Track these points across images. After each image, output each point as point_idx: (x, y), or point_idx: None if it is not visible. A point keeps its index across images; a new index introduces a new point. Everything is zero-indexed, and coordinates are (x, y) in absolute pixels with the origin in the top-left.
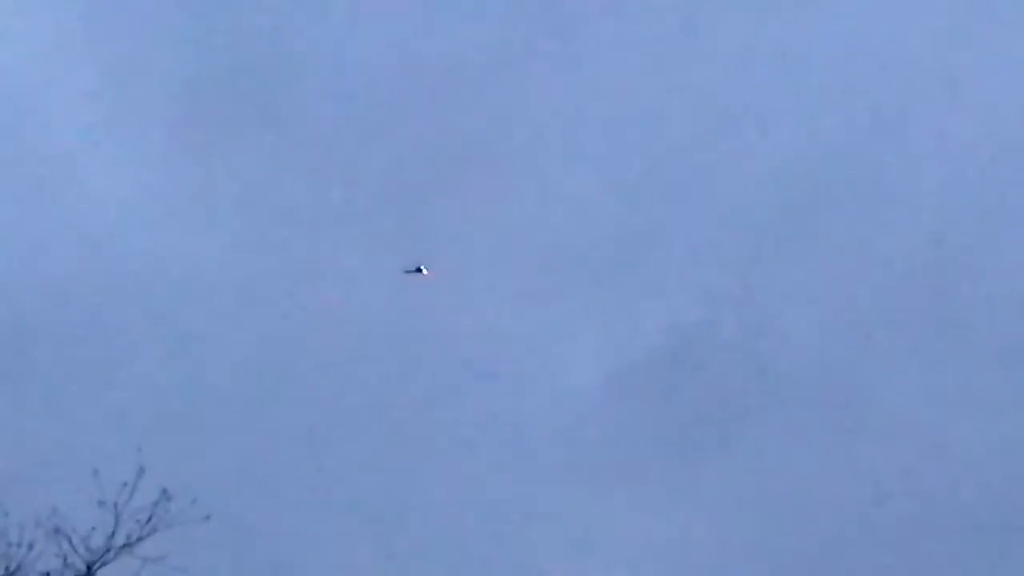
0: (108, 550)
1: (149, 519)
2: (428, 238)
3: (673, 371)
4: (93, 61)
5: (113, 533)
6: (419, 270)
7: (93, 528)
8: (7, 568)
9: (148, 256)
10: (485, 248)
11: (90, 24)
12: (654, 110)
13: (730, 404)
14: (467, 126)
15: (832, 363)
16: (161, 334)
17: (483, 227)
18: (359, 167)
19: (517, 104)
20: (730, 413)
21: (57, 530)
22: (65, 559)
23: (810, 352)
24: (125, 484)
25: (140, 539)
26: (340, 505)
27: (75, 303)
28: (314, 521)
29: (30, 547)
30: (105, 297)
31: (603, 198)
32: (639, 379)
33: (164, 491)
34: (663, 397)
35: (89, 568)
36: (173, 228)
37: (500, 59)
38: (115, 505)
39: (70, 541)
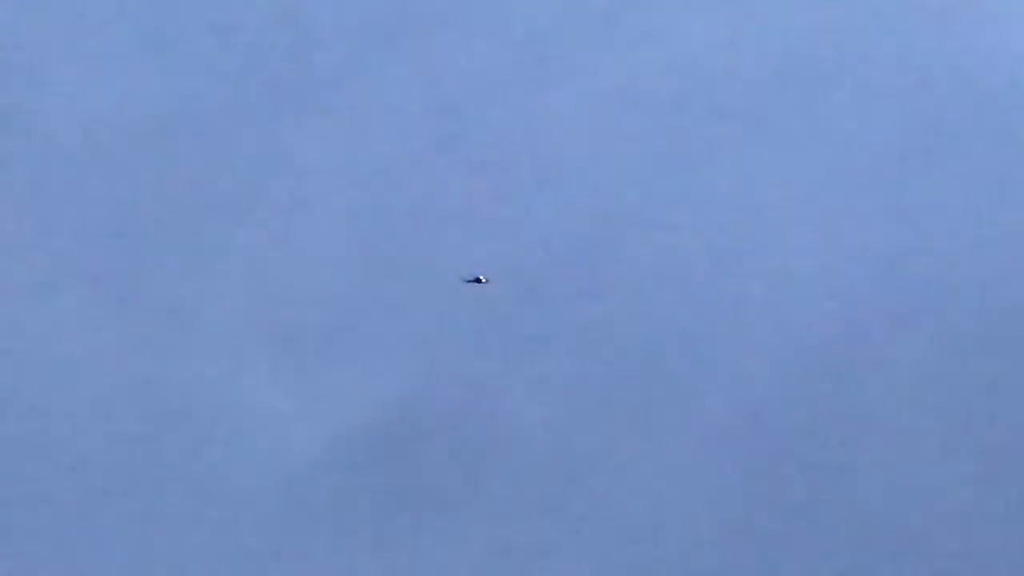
0: None
1: None
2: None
3: (396, 442)
4: None
5: None
6: (478, 280)
7: None
8: None
9: None
10: (208, 301)
11: None
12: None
13: (446, 479)
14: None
15: (554, 444)
16: None
17: (208, 281)
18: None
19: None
20: (448, 488)
21: None
22: None
23: (535, 432)
24: None
25: None
26: None
27: None
28: None
29: None
30: None
31: (341, 262)
32: (361, 449)
33: None
34: (385, 466)
35: None
36: None
37: (239, 113)
38: None
39: None
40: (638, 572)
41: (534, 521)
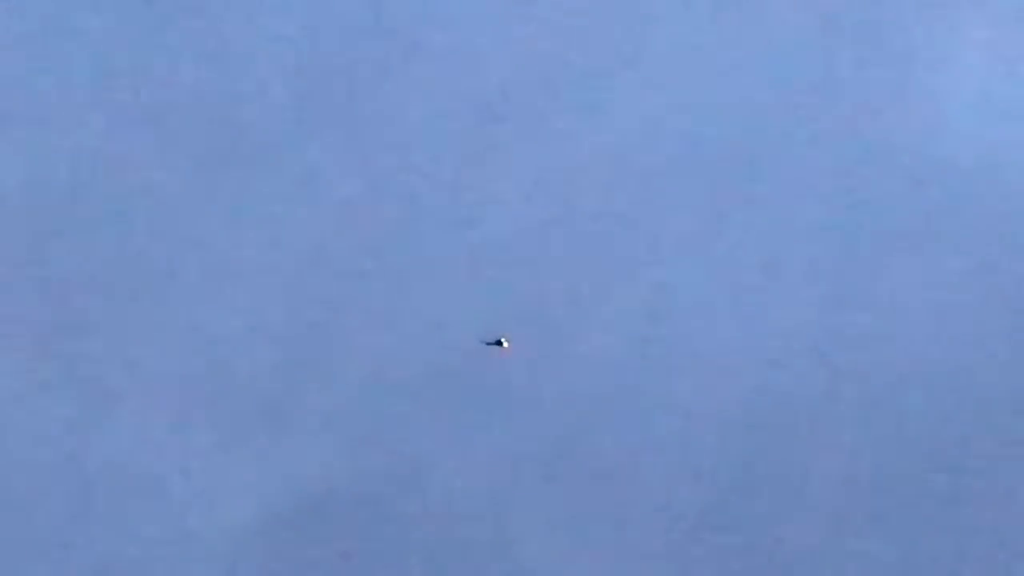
0: None
1: None
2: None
3: (326, 513)
4: None
5: None
6: (499, 343)
7: None
8: None
9: None
10: (138, 373)
11: None
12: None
13: (375, 550)
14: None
15: (485, 518)
16: None
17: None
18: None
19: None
20: (377, 558)
21: None
22: None
23: (465, 505)
24: None
25: None
26: None
27: None
28: None
29: None
30: None
31: (275, 334)
32: (290, 520)
33: None
34: (315, 536)
35: None
36: None
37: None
38: None
39: None
40: None
41: None
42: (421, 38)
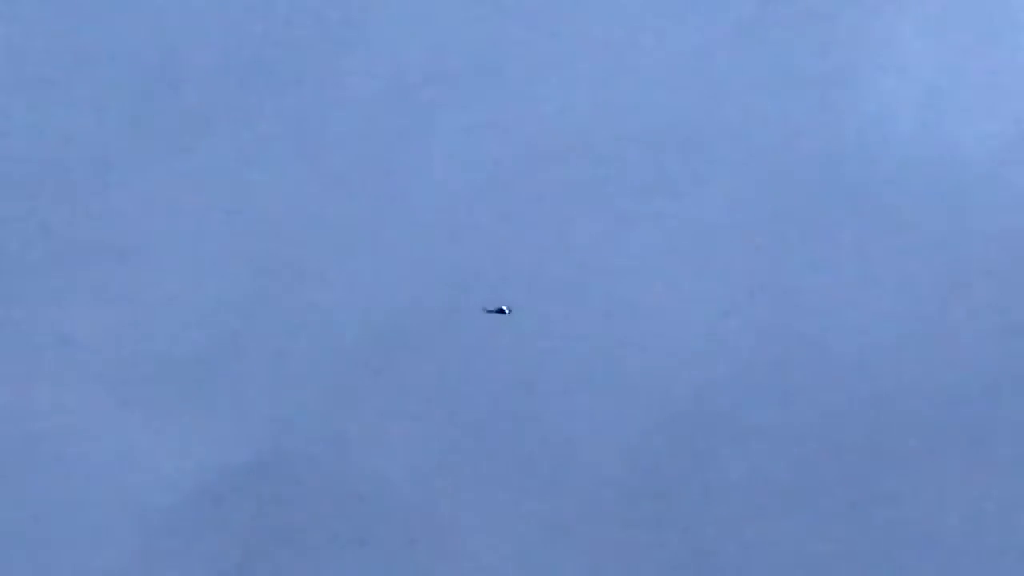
0: None
1: None
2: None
3: (258, 489)
4: None
5: None
6: (501, 310)
7: None
8: None
9: None
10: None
11: None
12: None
13: (308, 528)
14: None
15: (419, 499)
16: None
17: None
18: None
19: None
20: (309, 538)
21: None
22: None
23: (399, 485)
24: None
25: None
26: None
27: None
28: None
29: None
30: None
31: (210, 303)
32: (221, 494)
33: None
34: (246, 513)
35: None
36: None
37: None
38: None
39: None
40: None
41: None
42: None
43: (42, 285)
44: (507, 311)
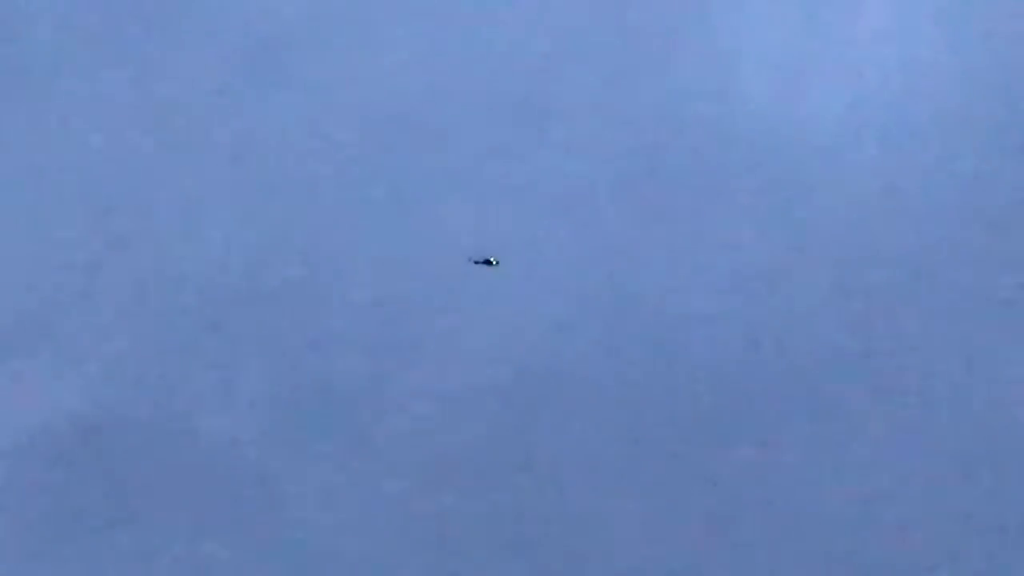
0: None
1: None
2: None
3: (81, 448)
4: None
5: None
6: (488, 262)
7: None
8: None
9: None
10: None
11: None
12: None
13: (132, 490)
14: None
15: (249, 461)
16: None
17: None
18: None
19: None
20: (134, 500)
21: None
22: None
23: (228, 447)
24: None
25: None
26: None
27: None
28: None
29: None
30: None
31: (35, 256)
32: (44, 453)
33: None
34: (68, 473)
35: None
36: None
37: None
38: None
39: None
40: None
41: (224, 538)
42: None
43: None
44: (495, 263)
